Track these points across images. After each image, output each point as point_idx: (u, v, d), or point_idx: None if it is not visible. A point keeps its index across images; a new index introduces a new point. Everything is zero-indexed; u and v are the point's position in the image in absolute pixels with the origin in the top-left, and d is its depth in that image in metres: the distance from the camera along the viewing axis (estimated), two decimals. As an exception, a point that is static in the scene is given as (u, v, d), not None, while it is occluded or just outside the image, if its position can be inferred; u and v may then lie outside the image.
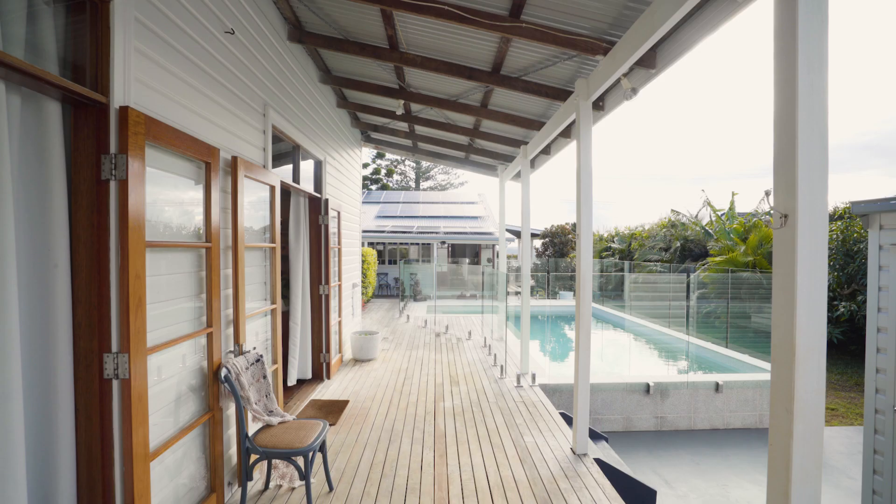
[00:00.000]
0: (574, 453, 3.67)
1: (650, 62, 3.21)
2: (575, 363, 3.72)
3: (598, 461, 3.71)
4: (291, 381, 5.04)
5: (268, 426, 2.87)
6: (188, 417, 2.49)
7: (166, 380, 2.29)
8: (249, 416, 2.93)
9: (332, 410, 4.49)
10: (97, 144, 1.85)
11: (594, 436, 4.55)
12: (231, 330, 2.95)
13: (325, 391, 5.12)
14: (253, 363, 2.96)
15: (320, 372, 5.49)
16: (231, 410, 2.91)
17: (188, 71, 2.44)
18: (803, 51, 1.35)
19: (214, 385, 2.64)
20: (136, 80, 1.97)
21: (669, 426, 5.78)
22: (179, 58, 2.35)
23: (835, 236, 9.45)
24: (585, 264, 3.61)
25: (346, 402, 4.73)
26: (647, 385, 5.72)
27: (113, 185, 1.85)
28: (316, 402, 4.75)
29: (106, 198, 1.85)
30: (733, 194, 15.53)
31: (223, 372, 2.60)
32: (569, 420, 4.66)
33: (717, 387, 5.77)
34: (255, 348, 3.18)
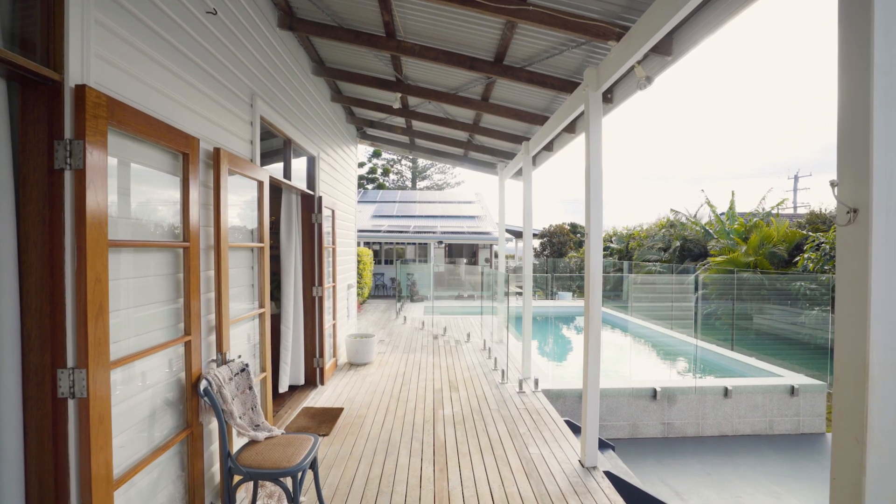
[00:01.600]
0: (583, 466, 3.45)
1: (666, 48, 2.99)
2: (584, 370, 3.50)
3: (608, 474, 3.49)
4: (283, 388, 4.80)
5: (254, 442, 2.63)
6: (164, 435, 2.25)
7: (136, 395, 2.05)
8: (234, 431, 2.69)
9: (326, 419, 4.26)
10: (49, 129, 1.61)
11: (600, 444, 4.34)
12: (213, 337, 2.71)
13: (319, 398, 4.88)
14: (237, 373, 2.72)
15: (313, 377, 5.24)
16: (213, 425, 2.67)
17: (163, 51, 2.20)
18: (880, 10, 1.14)
19: (194, 399, 2.40)
20: (96, 57, 1.73)
21: (677, 433, 5.57)
22: (152, 36, 2.11)
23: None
24: (595, 265, 3.39)
25: (340, 410, 4.50)
26: (654, 390, 5.51)
27: (68, 176, 1.61)
28: (309, 409, 4.51)
29: (60, 190, 1.61)
30: (733, 194, 15.41)
31: (203, 384, 2.36)
32: (574, 428, 4.44)
33: (726, 392, 5.57)
34: (240, 356, 2.94)
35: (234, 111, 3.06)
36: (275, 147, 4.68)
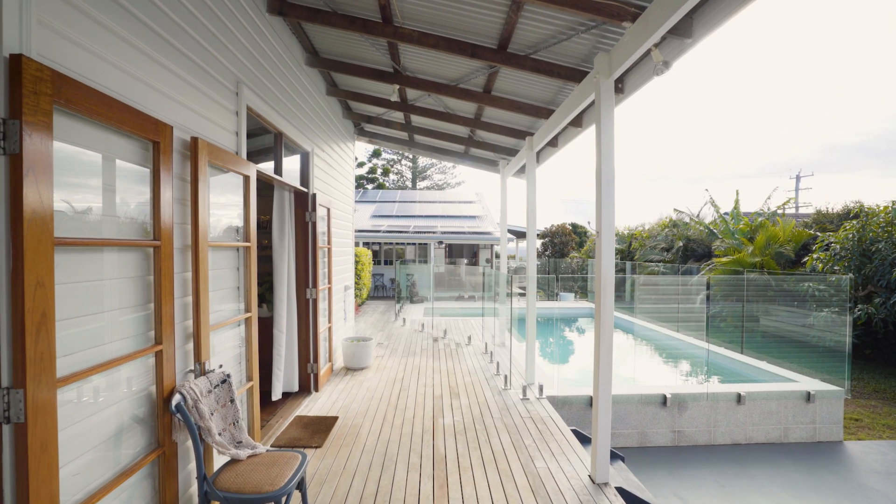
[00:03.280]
0: (593, 482, 3.20)
1: (686, 30, 2.76)
2: (595, 378, 3.26)
3: (621, 490, 3.25)
4: (276, 396, 4.56)
5: (235, 461, 2.39)
6: (132, 456, 2.01)
7: (96, 413, 1.80)
8: (214, 449, 2.45)
9: (319, 429, 4.01)
10: (-20, 106, 1.37)
11: (610, 456, 4.10)
12: (191, 345, 2.46)
13: (313, 406, 4.63)
14: (217, 385, 2.48)
15: (307, 384, 5.00)
16: (190, 442, 2.43)
17: (128, 26, 1.96)
18: None
19: (166, 415, 2.16)
20: (39, 24, 1.49)
21: (687, 441, 5.33)
22: (113, 6, 1.86)
23: (850, 236, 9.04)
24: (607, 267, 3.15)
25: (334, 419, 4.25)
26: (664, 396, 5.27)
27: (2, 162, 1.37)
28: (301, 418, 4.27)
29: (-8, 178, 1.37)
30: (737, 193, 15.16)
31: (175, 399, 2.12)
32: (582, 438, 4.20)
33: (739, 398, 5.33)
34: (221, 366, 2.69)
35: (217, 99, 2.81)
36: (267, 144, 4.45)
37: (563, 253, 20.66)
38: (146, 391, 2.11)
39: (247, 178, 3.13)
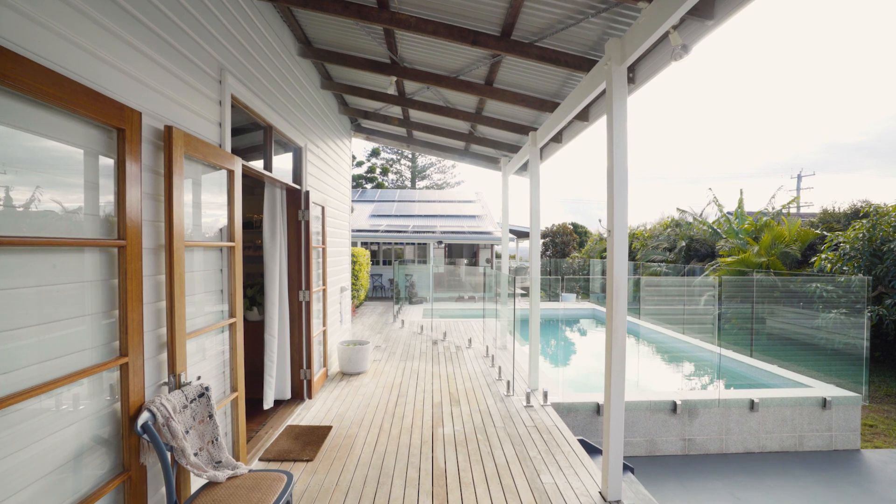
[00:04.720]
0: (605, 499, 2.98)
1: (707, 11, 2.53)
2: (605, 389, 3.04)
3: (634, 509, 3.03)
4: (268, 404, 4.32)
5: (213, 484, 2.16)
6: (92, 483, 1.78)
7: (46, 438, 1.58)
8: (191, 471, 2.21)
9: (311, 440, 3.78)
10: None
11: (619, 467, 3.87)
12: (165, 355, 2.24)
13: (305, 414, 4.40)
14: (194, 399, 2.25)
15: (301, 391, 4.77)
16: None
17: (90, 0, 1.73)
18: None
19: (132, 435, 1.93)
20: (-35, -17, 1.27)
21: (698, 450, 5.10)
22: (68, -26, 1.64)
23: (860, 236, 8.81)
24: (619, 268, 2.93)
25: (328, 429, 4.02)
26: (674, 403, 5.04)
27: (-86, 145, 1.15)
28: (293, 428, 4.04)
29: None
30: (741, 192, 14.95)
31: (142, 418, 1.89)
32: (589, 448, 3.98)
33: (752, 405, 5.10)
34: (199, 378, 2.46)
35: (196, 86, 2.58)
36: (258, 141, 4.22)
37: (565, 253, 20.44)
38: (110, 409, 1.89)
39: (231, 173, 2.90)
